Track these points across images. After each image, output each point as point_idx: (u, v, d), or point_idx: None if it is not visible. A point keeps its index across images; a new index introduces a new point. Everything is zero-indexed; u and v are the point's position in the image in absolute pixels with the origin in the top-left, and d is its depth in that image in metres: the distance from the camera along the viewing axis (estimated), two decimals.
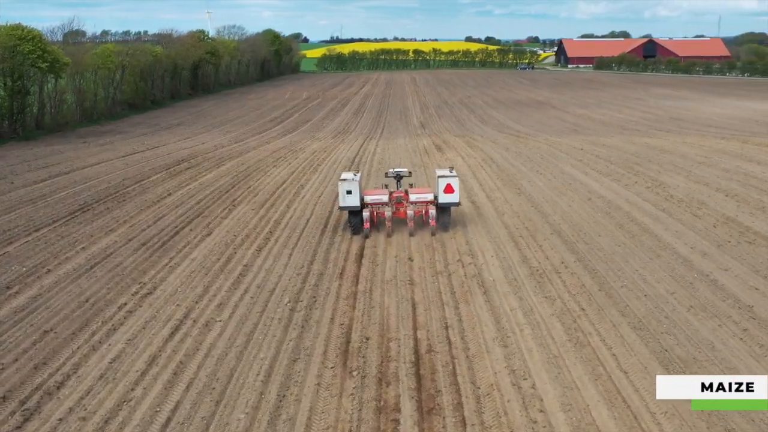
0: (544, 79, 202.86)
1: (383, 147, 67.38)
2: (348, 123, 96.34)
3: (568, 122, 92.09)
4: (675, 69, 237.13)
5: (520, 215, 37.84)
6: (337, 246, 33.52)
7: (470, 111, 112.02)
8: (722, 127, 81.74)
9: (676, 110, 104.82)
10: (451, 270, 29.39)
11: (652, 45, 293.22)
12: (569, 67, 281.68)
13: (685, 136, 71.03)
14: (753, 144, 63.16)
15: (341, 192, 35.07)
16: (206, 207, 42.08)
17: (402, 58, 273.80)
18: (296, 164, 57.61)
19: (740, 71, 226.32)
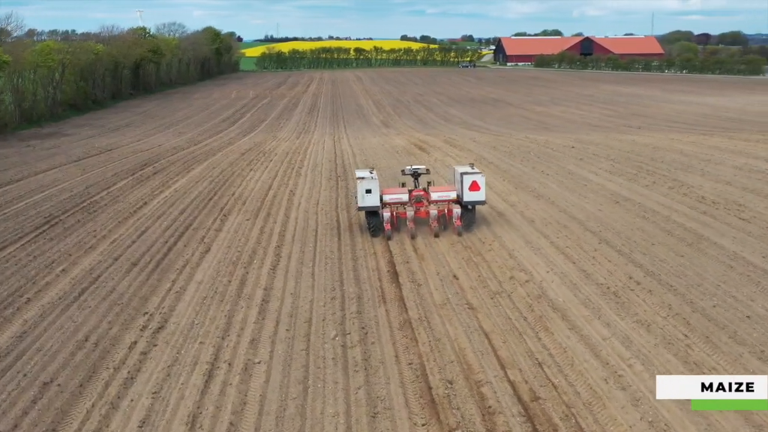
0: (488, 77, 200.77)
1: (359, 147, 63.15)
2: (306, 123, 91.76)
3: (533, 120, 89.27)
4: (615, 66, 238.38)
5: (552, 222, 34.08)
6: (363, 261, 29.20)
7: (428, 109, 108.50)
8: (689, 123, 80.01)
9: (635, 106, 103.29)
10: (509, 289, 25.35)
11: (588, 43, 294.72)
12: (508, 65, 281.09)
13: (665, 132, 68.56)
14: (740, 140, 60.87)
15: (359, 191, 31.85)
16: (193, 218, 37.26)
17: (343, 56, 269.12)
18: (273, 167, 52.95)
19: (678, 68, 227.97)
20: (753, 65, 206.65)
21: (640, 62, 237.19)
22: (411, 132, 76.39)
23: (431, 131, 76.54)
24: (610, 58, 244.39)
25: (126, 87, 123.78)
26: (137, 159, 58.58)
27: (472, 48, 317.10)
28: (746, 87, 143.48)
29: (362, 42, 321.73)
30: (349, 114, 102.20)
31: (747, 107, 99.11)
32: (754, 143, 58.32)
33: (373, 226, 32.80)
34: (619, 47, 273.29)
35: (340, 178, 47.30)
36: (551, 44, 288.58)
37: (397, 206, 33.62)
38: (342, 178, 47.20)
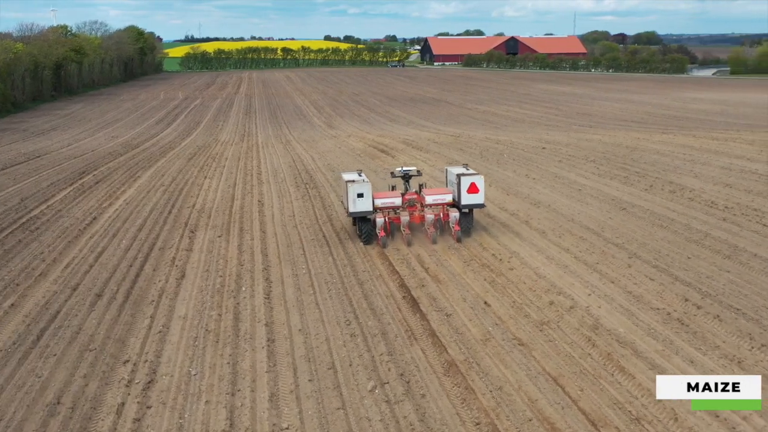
0: (420, 76, 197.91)
1: (315, 151, 58.86)
2: (245, 125, 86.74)
3: (479, 119, 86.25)
4: (543, 65, 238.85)
5: (565, 233, 30.70)
6: (371, 285, 25.15)
7: (369, 109, 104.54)
8: (636, 121, 78.30)
9: (576, 105, 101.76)
10: (554, 318, 21.68)
11: (514, 42, 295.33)
12: (436, 64, 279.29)
13: (622, 131, 66.35)
14: (708, 138, 58.86)
15: (350, 196, 29.21)
16: (155, 235, 32.55)
17: (270, 56, 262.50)
18: (229, 174, 48.30)
19: (605, 67, 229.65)
20: (677, 64, 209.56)
21: (567, 61, 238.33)
22: (361, 133, 72.39)
23: (383, 132, 72.69)
24: (538, 58, 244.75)
25: (47, 88, 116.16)
26: (72, 166, 53.09)
27: (400, 48, 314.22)
28: (675, 85, 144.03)
29: (289, 42, 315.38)
30: (289, 115, 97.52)
31: (686, 105, 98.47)
32: (724, 142, 56.30)
33: (365, 233, 29.84)
34: (543, 47, 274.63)
35: (308, 186, 43.04)
36: (477, 44, 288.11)
37: (390, 211, 30.82)
38: (311, 186, 42.95)
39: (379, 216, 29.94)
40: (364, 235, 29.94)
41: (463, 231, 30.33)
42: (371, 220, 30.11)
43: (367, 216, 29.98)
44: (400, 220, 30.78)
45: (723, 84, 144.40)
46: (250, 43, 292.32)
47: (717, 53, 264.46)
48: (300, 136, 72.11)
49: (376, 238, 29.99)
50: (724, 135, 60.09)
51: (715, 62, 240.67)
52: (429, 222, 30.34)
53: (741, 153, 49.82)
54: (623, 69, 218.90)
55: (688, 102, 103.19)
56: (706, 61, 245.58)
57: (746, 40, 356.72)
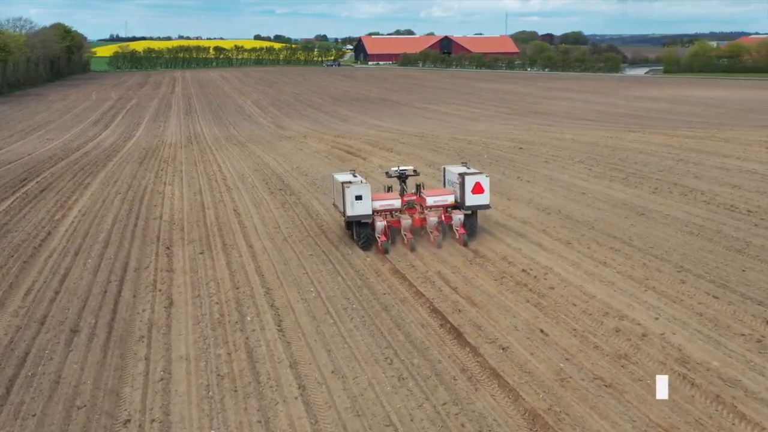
0: (358, 75, 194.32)
1: (278, 154, 54.87)
2: (189, 126, 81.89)
3: (433, 119, 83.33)
4: (479, 65, 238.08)
5: (592, 243, 27.69)
6: (399, 310, 21.61)
7: (316, 109, 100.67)
8: (592, 120, 76.71)
9: (525, 104, 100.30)
10: (630, 350, 18.58)
11: (447, 42, 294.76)
12: (370, 64, 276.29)
13: (586, 130, 63.92)
14: (681, 137, 56.79)
15: (348, 198, 26.89)
16: (126, 252, 28.34)
17: (202, 56, 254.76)
18: (191, 180, 44.08)
19: (540, 66, 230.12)
20: (611, 63, 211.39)
21: (503, 61, 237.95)
22: (316, 134, 68.52)
23: (339, 132, 69.04)
24: (474, 57, 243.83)
25: None
26: (10, 172, 48.09)
27: (335, 47, 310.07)
28: (612, 83, 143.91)
29: (219, 41, 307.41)
30: (232, 115, 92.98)
31: (632, 103, 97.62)
32: (700, 140, 54.36)
33: (363, 238, 27.43)
34: (476, 46, 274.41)
35: (284, 193, 39.19)
36: (412, 43, 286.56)
37: (388, 214, 28.54)
38: (287, 193, 39.08)
39: (379, 219, 27.48)
40: (362, 240, 27.44)
41: (468, 234, 27.93)
42: (369, 224, 27.42)
43: (365, 220, 27.27)
44: (399, 224, 28.18)
45: (659, 82, 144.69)
46: (182, 42, 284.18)
47: (644, 53, 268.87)
48: (251, 137, 67.90)
49: (376, 243, 27.41)
50: (694, 133, 58.27)
51: (645, 61, 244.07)
52: (432, 225, 27.95)
53: (726, 152, 47.80)
54: (558, 68, 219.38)
55: (633, 100, 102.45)
56: (636, 61, 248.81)
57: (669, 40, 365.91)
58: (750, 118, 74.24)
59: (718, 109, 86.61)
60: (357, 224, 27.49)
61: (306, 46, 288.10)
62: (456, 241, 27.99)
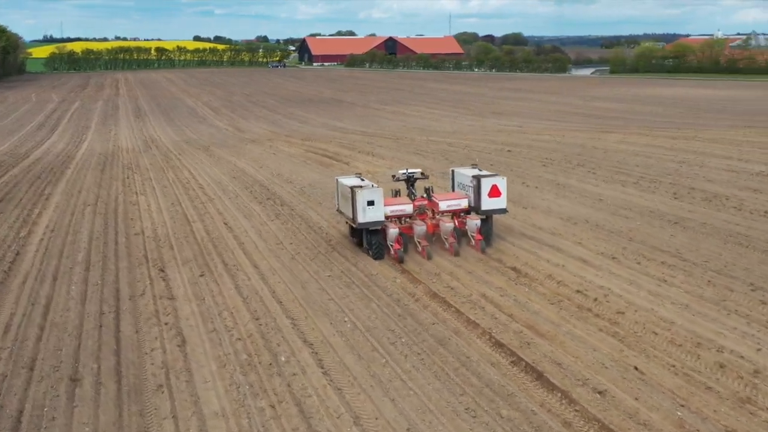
0: (306, 76, 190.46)
1: (247, 159, 51.46)
2: (143, 129, 77.53)
3: (394, 120, 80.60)
4: (426, 65, 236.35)
5: (639, 257, 25.21)
6: (457, 345, 18.55)
7: (271, 110, 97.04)
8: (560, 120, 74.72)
9: (483, 105, 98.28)
10: (749, 392, 15.92)
11: (392, 43, 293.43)
12: (315, 64, 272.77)
13: (564, 131, 61.84)
14: (664, 137, 55.20)
15: (360, 204, 24.89)
16: (113, 276, 24.73)
17: (143, 57, 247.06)
18: (164, 190, 40.45)
19: (488, 67, 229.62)
20: (559, 64, 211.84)
21: (450, 61, 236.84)
22: (279, 137, 64.94)
23: (306, 135, 65.77)
24: (421, 57, 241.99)
25: None
26: None
27: (280, 48, 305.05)
28: (563, 84, 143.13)
29: (156, 42, 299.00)
30: (186, 118, 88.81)
31: (589, 103, 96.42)
32: (686, 141, 52.87)
33: (375, 247, 25.49)
34: (421, 47, 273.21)
35: (274, 203, 35.82)
36: (356, 44, 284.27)
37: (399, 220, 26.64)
38: (277, 203, 35.77)
39: (393, 226, 25.56)
40: (374, 249, 25.44)
41: (485, 240, 26.04)
42: (381, 231, 25.48)
43: (377, 227, 25.32)
44: (412, 230, 26.23)
45: (609, 83, 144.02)
46: (121, 43, 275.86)
47: (586, 54, 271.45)
48: (213, 141, 64.26)
49: (388, 251, 25.55)
50: (675, 134, 56.74)
51: (588, 62, 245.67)
52: (448, 231, 26.04)
53: (722, 153, 46.21)
54: (506, 69, 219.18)
55: (589, 100, 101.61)
56: (579, 61, 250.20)
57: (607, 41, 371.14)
58: (713, 117, 73.40)
59: (676, 108, 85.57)
60: (367, 232, 25.39)
61: (251, 47, 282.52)
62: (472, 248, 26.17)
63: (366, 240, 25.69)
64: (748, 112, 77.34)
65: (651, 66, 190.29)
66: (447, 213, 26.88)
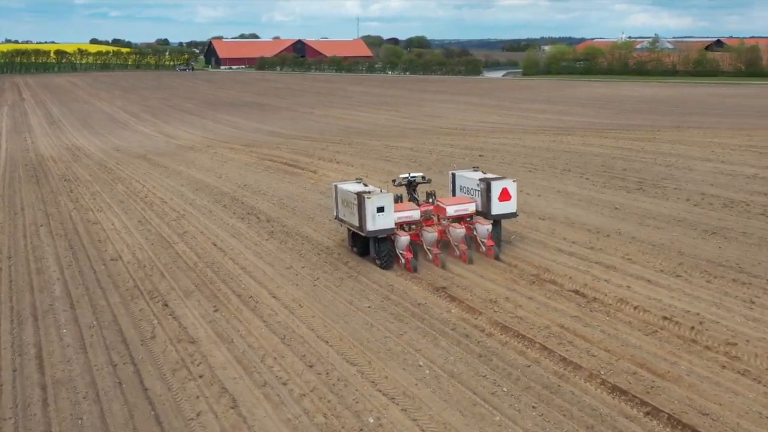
0: (218, 80, 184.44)
1: (198, 167, 47.31)
2: (60, 137, 71.93)
3: (330, 124, 77.79)
4: (339, 68, 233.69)
5: (698, 271, 22.85)
6: (568, 392, 15.49)
7: (194, 115, 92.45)
8: (509, 123, 72.78)
9: (413, 107, 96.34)
10: None
11: (301, 45, 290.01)
12: (222, 68, 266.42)
13: (527, 134, 60.12)
14: (630, 139, 53.79)
15: (369, 211, 23.36)
16: (111, 317, 20.71)
17: (42, 60, 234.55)
18: (120, 204, 36.18)
19: (401, 69, 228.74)
20: (473, 66, 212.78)
21: (363, 64, 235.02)
22: (226, 144, 60.85)
23: (246, 141, 62.03)
24: (334, 60, 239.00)
25: None
26: None
27: (189, 52, 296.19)
28: (483, 86, 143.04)
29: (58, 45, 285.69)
30: (106, 124, 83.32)
31: (519, 105, 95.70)
32: (650, 142, 51.51)
33: (385, 256, 23.97)
34: (330, 49, 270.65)
35: (258, 219, 32.05)
36: (265, 47, 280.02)
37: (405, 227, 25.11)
38: (261, 218, 32.09)
39: (403, 234, 24.21)
40: (384, 258, 23.98)
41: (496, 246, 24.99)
42: (389, 239, 23.97)
43: (386, 235, 23.77)
44: (418, 237, 24.95)
45: (528, 86, 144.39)
46: (15, 46, 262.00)
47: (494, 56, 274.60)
48: (147, 149, 59.88)
49: (397, 260, 24.13)
50: (631, 135, 55.81)
51: (496, 64, 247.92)
52: (459, 238, 24.78)
53: (696, 155, 45.44)
54: (419, 71, 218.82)
55: (518, 102, 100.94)
56: (488, 64, 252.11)
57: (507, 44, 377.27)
58: (645, 117, 73.54)
59: (604, 109, 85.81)
60: (376, 240, 23.83)
61: (156, 50, 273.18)
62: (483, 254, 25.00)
63: (374, 249, 24.07)
64: (676, 112, 77.62)
65: (562, 68, 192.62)
66: (454, 218, 25.41)
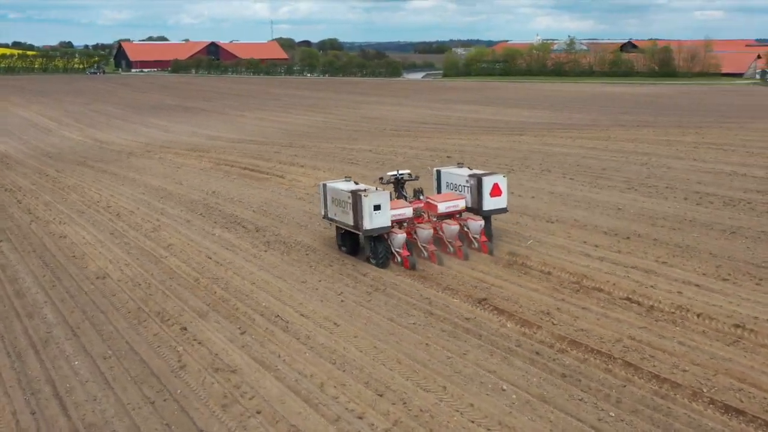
0: (135, 83, 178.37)
1: (153, 174, 44.58)
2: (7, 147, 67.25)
3: (268, 127, 75.25)
4: (257, 70, 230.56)
5: (741, 275, 21.83)
6: (686, 421, 13.91)
7: (121, 119, 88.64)
8: (447, 125, 72.06)
9: (346, 110, 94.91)
10: None
11: (215, 48, 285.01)
12: (134, 71, 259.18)
13: (483, 135, 59.16)
14: (590, 138, 53.55)
15: (367, 209, 23.14)
16: (119, 343, 18.32)
17: None
18: (88, 217, 33.40)
19: (320, 72, 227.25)
20: (393, 68, 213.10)
21: (282, 66, 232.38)
22: (172, 150, 57.80)
23: (190, 145, 59.35)
24: (251, 62, 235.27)
25: None
26: None
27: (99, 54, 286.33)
28: (407, 88, 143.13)
29: None
30: (27, 130, 79.06)
31: (450, 105, 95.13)
32: (613, 141, 51.17)
33: (382, 255, 23.80)
34: (245, 52, 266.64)
35: (244, 228, 29.71)
36: (178, 49, 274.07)
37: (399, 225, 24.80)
38: (248, 228, 29.73)
39: (399, 231, 24.00)
40: (380, 257, 23.79)
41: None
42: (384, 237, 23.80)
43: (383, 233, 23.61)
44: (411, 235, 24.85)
45: (453, 88, 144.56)
46: None
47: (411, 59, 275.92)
48: (84, 155, 57.03)
49: (393, 259, 23.97)
50: (587, 134, 55.83)
51: (413, 66, 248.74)
52: (453, 234, 24.77)
53: (666, 153, 45.29)
54: (339, 73, 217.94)
55: (445, 103, 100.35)
56: (405, 65, 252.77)
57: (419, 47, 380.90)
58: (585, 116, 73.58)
59: (536, 109, 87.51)
60: (371, 239, 23.62)
61: (65, 53, 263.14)
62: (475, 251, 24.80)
63: (370, 248, 23.82)
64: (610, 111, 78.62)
65: (482, 69, 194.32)
66: (444, 215, 25.31)
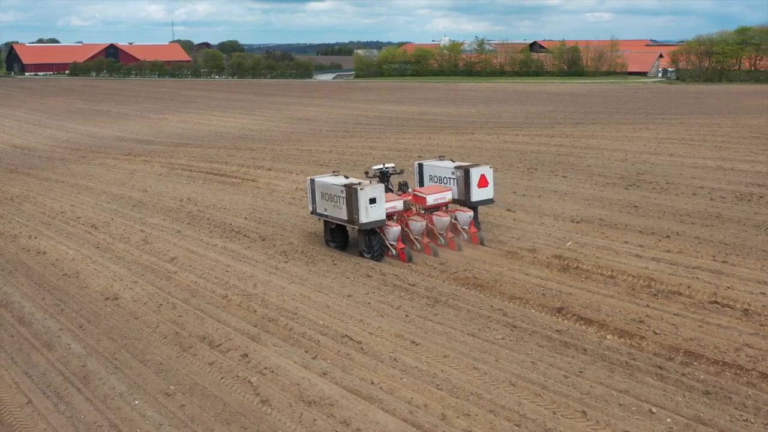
0: (36, 88, 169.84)
1: (107, 182, 41.63)
2: None
3: (194, 129, 72.92)
4: (161, 73, 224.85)
5: None
6: None
7: (35, 124, 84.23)
8: (397, 125, 70.75)
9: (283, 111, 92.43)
10: None
11: (114, 50, 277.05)
12: (27, 74, 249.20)
13: (441, 135, 57.98)
14: (546, 136, 53.14)
15: (362, 203, 23.23)
16: (178, 378, 15.98)
17: None
18: (62, 231, 30.29)
19: (228, 74, 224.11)
20: (304, 69, 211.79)
21: (188, 69, 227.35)
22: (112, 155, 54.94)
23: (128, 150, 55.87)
24: (156, 64, 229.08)
25: None
26: None
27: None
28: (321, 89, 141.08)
29: None
30: None
31: (377, 106, 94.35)
32: (580, 138, 50.84)
33: (377, 248, 24.02)
34: (145, 54, 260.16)
35: (248, 238, 27.47)
36: (75, 52, 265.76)
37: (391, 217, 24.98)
38: (254, 238, 27.45)
39: (394, 224, 24.38)
40: (376, 251, 24.01)
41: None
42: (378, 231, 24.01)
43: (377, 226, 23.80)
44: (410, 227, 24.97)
45: (370, 88, 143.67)
46: None
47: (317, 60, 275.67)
48: (18, 163, 52.62)
49: (387, 252, 24.13)
50: (550, 132, 55.22)
51: (320, 68, 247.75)
52: (444, 226, 25.21)
53: (644, 149, 44.86)
54: (248, 75, 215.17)
55: (374, 104, 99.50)
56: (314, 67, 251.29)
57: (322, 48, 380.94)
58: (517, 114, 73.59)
59: (469, 106, 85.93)
60: (367, 233, 23.85)
61: None
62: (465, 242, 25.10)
63: (365, 242, 24.03)
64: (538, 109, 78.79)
65: (394, 70, 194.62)
66: (432, 207, 25.51)
